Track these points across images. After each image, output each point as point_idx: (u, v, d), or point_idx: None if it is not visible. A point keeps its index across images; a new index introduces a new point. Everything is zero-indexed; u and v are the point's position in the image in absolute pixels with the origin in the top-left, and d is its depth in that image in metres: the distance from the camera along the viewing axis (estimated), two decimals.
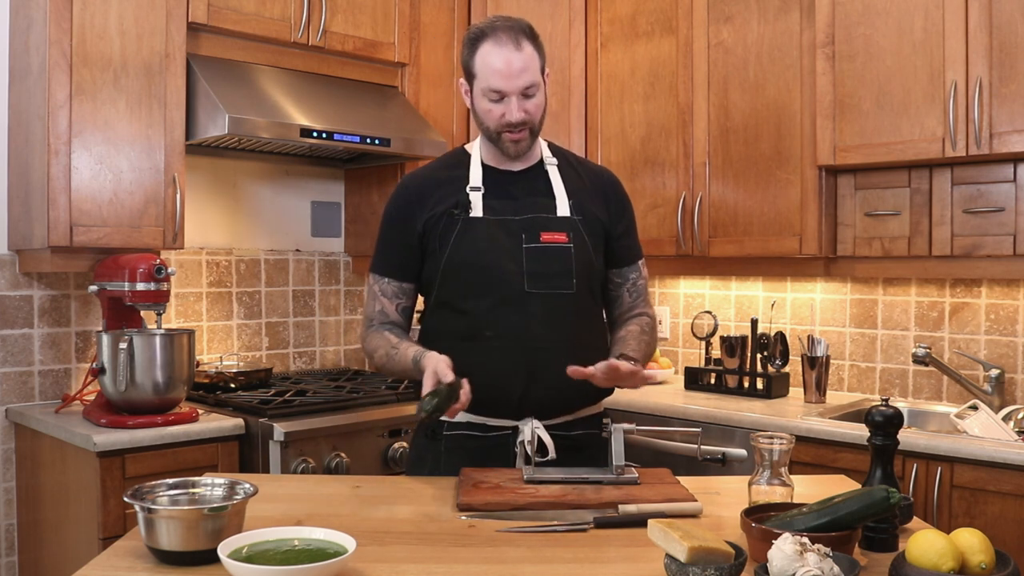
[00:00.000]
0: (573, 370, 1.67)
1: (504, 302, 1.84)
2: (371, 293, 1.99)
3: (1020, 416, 2.64)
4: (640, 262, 2.04)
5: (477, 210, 1.88)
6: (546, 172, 1.95)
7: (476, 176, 1.92)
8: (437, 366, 1.71)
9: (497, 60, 1.80)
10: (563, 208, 1.91)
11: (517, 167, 1.94)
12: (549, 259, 1.86)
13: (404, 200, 1.94)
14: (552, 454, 1.81)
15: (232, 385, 2.97)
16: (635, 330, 1.94)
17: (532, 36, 1.85)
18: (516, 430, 1.86)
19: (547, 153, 1.97)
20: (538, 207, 1.90)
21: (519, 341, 1.83)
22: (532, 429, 1.81)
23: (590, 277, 1.92)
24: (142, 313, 2.69)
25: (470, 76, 1.87)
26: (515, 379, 1.83)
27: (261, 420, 2.58)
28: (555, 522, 1.51)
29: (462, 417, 1.85)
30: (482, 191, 1.90)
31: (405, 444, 2.79)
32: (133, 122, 2.65)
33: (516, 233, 1.87)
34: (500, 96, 1.83)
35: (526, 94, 1.83)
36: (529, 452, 1.80)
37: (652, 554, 1.30)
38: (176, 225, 2.73)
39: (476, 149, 1.96)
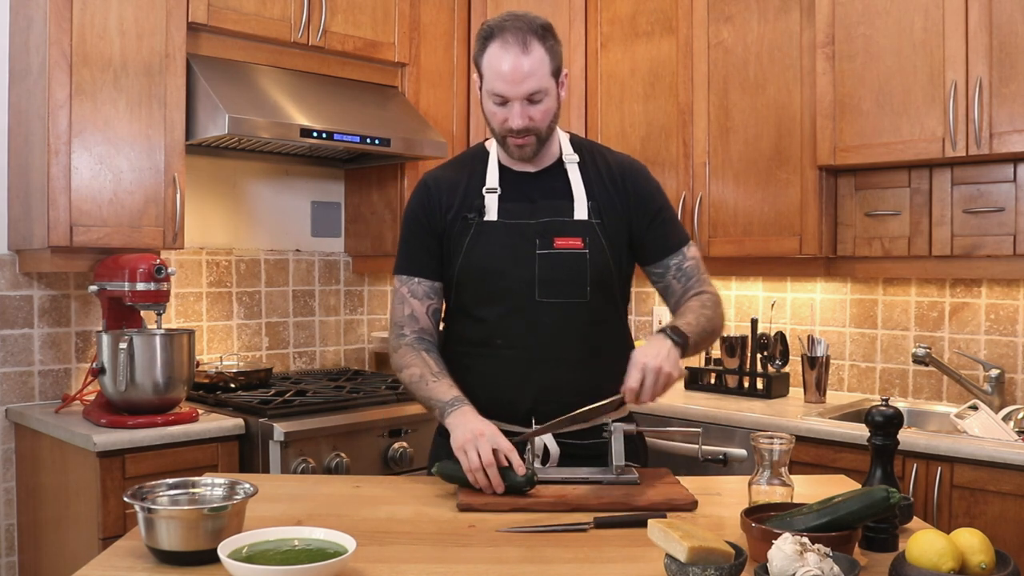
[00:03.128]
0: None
1: (514, 311, 1.80)
2: (399, 296, 1.89)
3: (1020, 416, 2.64)
4: (683, 248, 1.89)
5: (492, 214, 1.82)
6: (565, 171, 1.86)
7: (493, 177, 1.86)
8: (497, 442, 1.64)
9: (501, 63, 1.72)
10: (581, 211, 1.82)
11: (534, 168, 1.87)
12: (562, 266, 1.79)
13: (425, 199, 1.88)
14: (555, 462, 1.80)
15: (232, 385, 2.97)
16: (695, 305, 1.81)
17: (543, 36, 1.75)
18: None
19: (568, 149, 1.88)
20: (555, 210, 1.82)
21: (528, 351, 1.80)
22: (540, 438, 1.80)
23: (608, 283, 1.84)
24: (142, 313, 2.69)
25: (480, 74, 1.81)
26: (524, 390, 1.81)
27: (261, 420, 2.58)
28: (555, 522, 1.51)
29: None
30: (498, 192, 1.84)
31: (405, 444, 2.79)
32: (133, 122, 2.65)
33: (531, 238, 1.80)
34: (504, 100, 1.75)
35: (531, 100, 1.74)
36: (536, 461, 1.80)
37: (652, 554, 1.30)
38: (176, 225, 2.73)
39: (494, 148, 1.89)
